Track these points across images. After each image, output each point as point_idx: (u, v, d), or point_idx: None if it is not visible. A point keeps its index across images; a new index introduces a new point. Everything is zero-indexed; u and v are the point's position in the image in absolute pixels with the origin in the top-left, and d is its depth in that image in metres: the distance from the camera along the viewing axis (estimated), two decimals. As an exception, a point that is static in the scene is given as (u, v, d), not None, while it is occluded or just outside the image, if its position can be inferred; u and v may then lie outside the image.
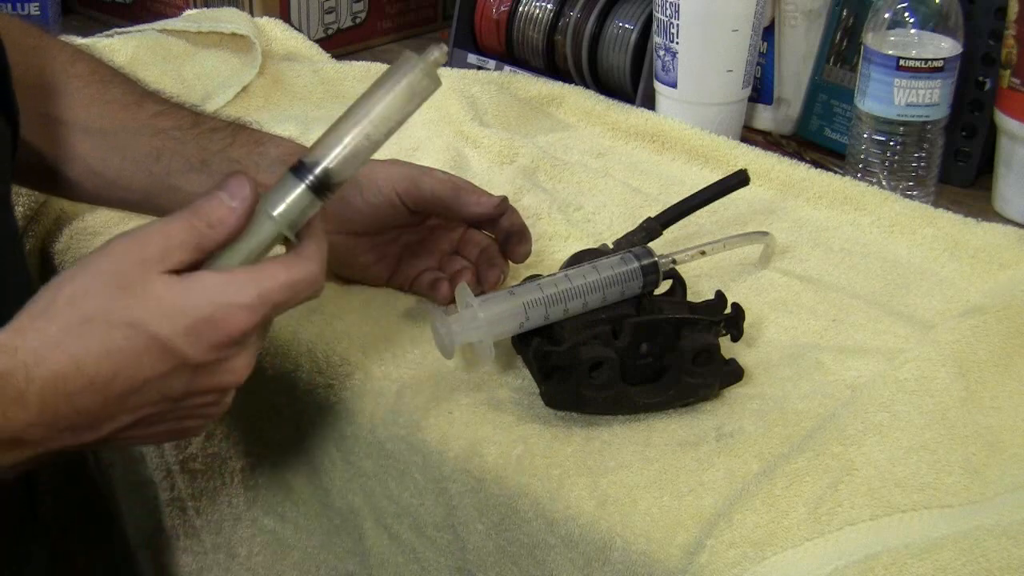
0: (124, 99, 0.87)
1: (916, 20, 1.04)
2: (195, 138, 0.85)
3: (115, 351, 0.61)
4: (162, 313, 0.61)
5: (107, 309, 0.61)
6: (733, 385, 0.78)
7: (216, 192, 0.64)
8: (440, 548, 0.79)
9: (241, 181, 0.64)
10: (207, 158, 0.85)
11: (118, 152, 0.86)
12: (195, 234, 0.63)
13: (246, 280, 0.63)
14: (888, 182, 1.06)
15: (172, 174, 0.85)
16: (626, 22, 1.22)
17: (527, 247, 0.87)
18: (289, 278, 0.64)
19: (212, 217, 0.63)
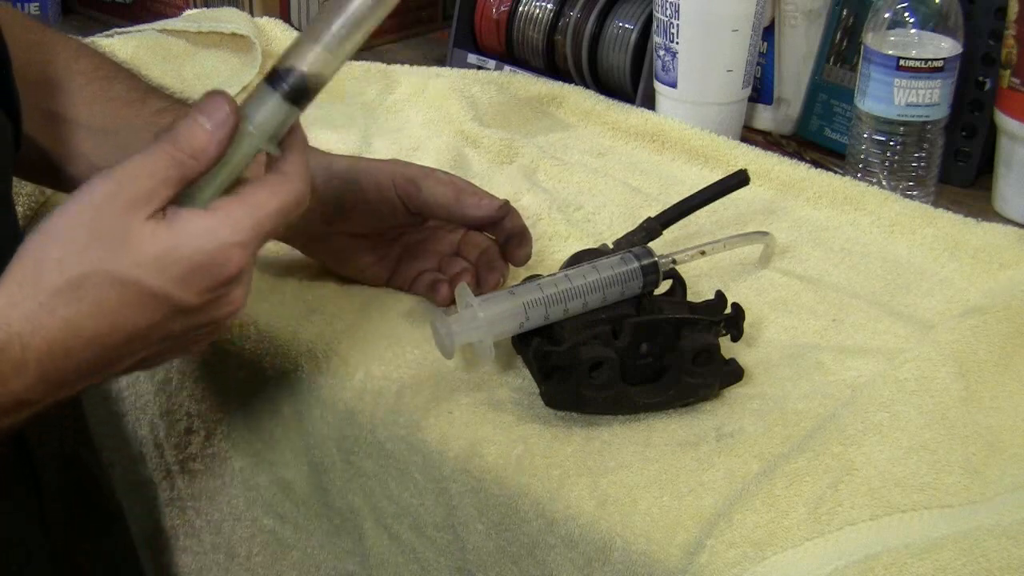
0: (127, 96, 0.86)
1: (916, 20, 1.04)
2: None
3: (109, 309, 0.60)
4: (153, 265, 0.60)
5: (96, 268, 0.59)
6: (733, 385, 0.78)
7: (194, 116, 0.61)
8: (440, 548, 0.79)
9: (219, 102, 0.61)
10: None
11: (121, 150, 0.85)
12: (178, 167, 0.61)
13: (237, 217, 0.61)
14: (888, 182, 1.06)
15: None
16: (626, 22, 1.22)
17: (527, 250, 0.87)
18: (279, 204, 0.62)
19: (194, 146, 0.61)
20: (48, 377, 0.60)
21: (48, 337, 0.59)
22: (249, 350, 0.86)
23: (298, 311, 0.87)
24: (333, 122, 1.14)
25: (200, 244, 0.60)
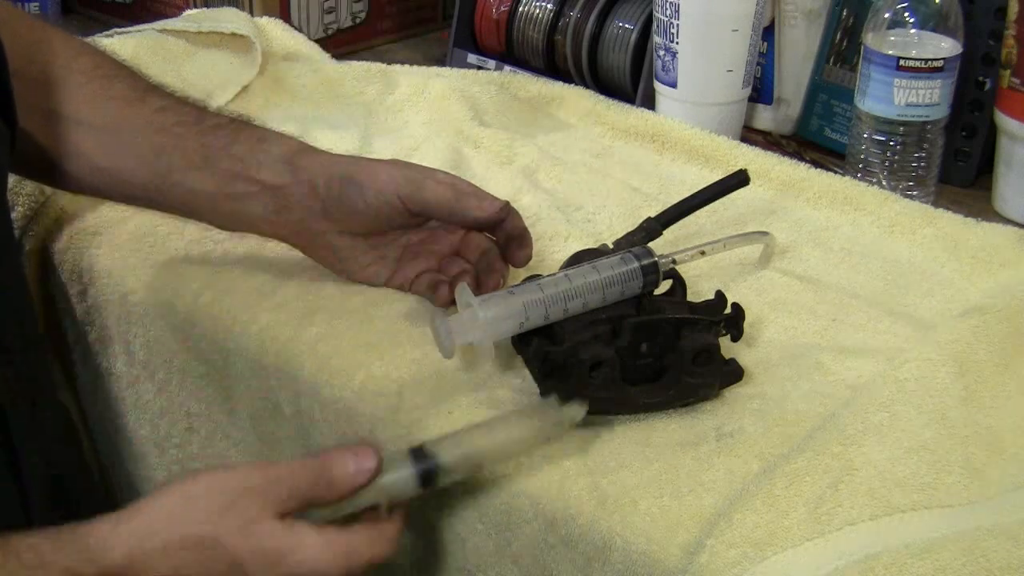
0: (127, 95, 0.87)
1: (916, 20, 1.04)
2: (197, 135, 0.85)
3: (208, 571, 0.65)
4: (263, 559, 0.65)
5: (219, 536, 0.65)
6: (733, 385, 0.78)
7: (348, 455, 0.68)
8: (440, 548, 0.79)
9: (370, 454, 0.68)
10: (209, 155, 0.85)
11: (120, 149, 0.86)
12: (314, 490, 0.67)
13: (339, 553, 0.67)
14: (888, 182, 1.06)
15: (174, 171, 0.85)
16: (626, 22, 1.22)
17: (528, 251, 0.86)
18: (370, 556, 0.68)
19: (335, 480, 0.67)
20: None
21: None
22: (250, 349, 0.86)
23: (299, 311, 0.87)
24: (333, 122, 1.14)
25: (306, 559, 0.66)
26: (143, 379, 0.96)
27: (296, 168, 0.85)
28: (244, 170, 0.85)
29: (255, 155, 0.85)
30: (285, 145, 0.86)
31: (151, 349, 0.94)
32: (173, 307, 0.91)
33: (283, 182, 0.85)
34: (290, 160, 0.85)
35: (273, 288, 0.89)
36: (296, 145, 0.86)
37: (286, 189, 0.84)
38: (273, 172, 0.85)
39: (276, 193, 0.85)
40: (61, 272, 0.99)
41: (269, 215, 0.86)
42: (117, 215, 1.00)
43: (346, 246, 0.87)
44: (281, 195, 0.85)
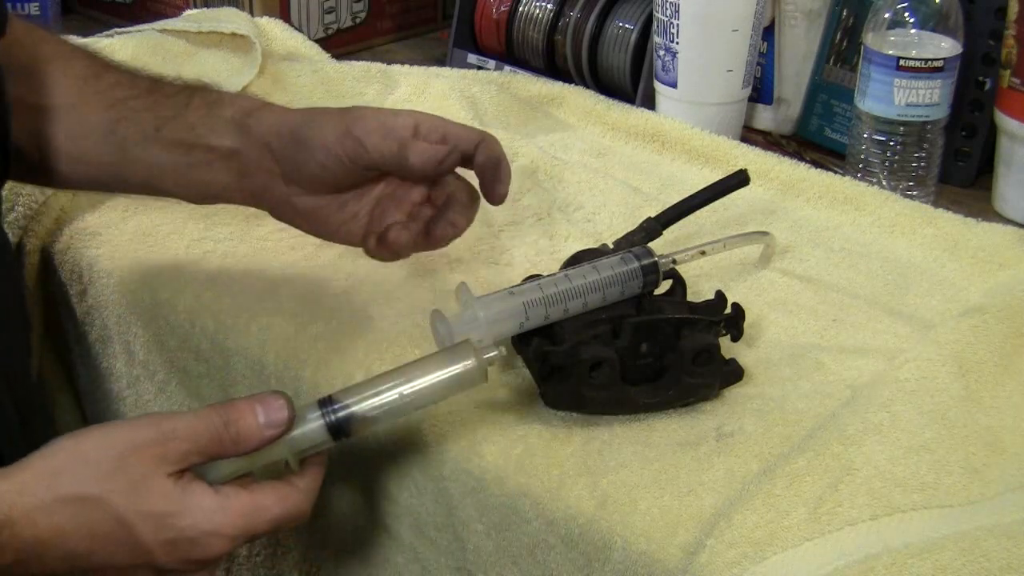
0: (83, 73, 0.84)
1: (916, 20, 1.04)
2: (150, 105, 0.83)
3: (96, 536, 0.64)
4: (153, 521, 0.64)
5: (106, 497, 0.63)
6: (733, 385, 0.78)
7: (255, 405, 0.66)
8: (440, 548, 0.79)
9: (280, 406, 0.66)
10: (161, 125, 0.82)
11: (79, 129, 0.84)
12: (218, 445, 0.65)
13: (238, 513, 0.65)
14: (888, 182, 1.06)
15: (129, 146, 0.83)
16: (626, 22, 1.22)
17: (503, 187, 0.81)
18: (280, 513, 0.66)
19: (241, 433, 0.65)
20: (15, 569, 0.63)
21: (34, 535, 0.63)
22: (250, 349, 0.86)
23: (299, 311, 0.87)
24: (333, 122, 1.14)
25: (197, 521, 0.64)
26: (143, 379, 0.96)
27: (247, 131, 0.81)
28: (197, 138, 0.81)
29: (207, 121, 0.81)
30: (237, 106, 0.82)
31: (151, 349, 0.94)
32: (173, 307, 0.91)
33: (236, 146, 0.81)
34: (241, 123, 0.81)
35: (273, 288, 0.89)
36: (248, 105, 0.82)
37: (241, 153, 0.81)
38: (226, 137, 0.81)
39: (232, 159, 0.81)
40: (61, 272, 0.99)
41: (231, 182, 0.82)
42: (117, 215, 1.00)
43: (315, 207, 0.82)
44: (237, 160, 0.81)
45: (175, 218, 0.99)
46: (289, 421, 0.66)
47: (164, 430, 0.65)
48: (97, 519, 0.63)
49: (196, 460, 0.65)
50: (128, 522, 0.64)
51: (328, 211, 0.82)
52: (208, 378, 0.91)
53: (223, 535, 0.65)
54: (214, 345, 0.89)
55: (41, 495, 0.63)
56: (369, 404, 0.68)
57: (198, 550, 0.65)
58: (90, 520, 0.63)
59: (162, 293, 0.92)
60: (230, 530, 0.65)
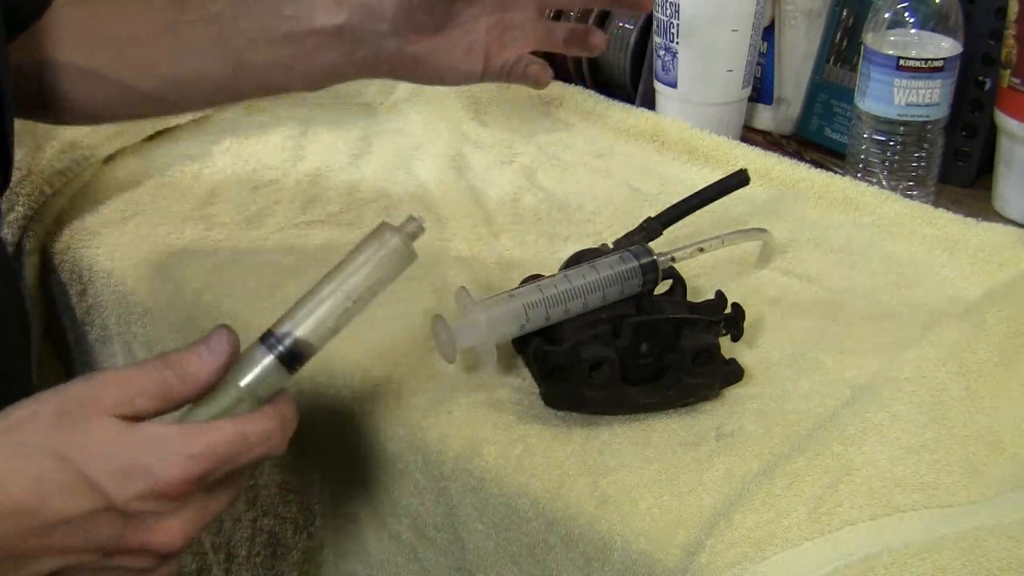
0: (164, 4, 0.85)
1: (916, 20, 1.04)
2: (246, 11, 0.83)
3: (43, 481, 0.59)
4: (95, 452, 0.59)
5: (44, 438, 0.59)
6: (733, 385, 0.78)
7: (195, 346, 0.63)
8: (440, 548, 0.79)
9: (221, 335, 0.63)
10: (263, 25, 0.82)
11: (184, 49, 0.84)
12: (162, 385, 0.61)
13: (190, 432, 0.61)
14: (888, 182, 1.06)
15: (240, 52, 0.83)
16: (626, 22, 1.22)
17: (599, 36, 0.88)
18: (238, 431, 0.62)
19: (186, 369, 0.62)
20: None
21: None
22: (249, 350, 0.86)
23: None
24: (333, 122, 1.14)
25: (146, 444, 0.60)
26: (143, 379, 0.96)
27: (345, 1, 0.81)
28: (301, 25, 0.82)
29: (305, 6, 0.82)
30: None
31: (151, 349, 0.94)
32: (173, 307, 0.91)
33: (342, 21, 0.82)
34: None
35: (273, 288, 0.89)
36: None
37: (349, 24, 0.82)
38: (329, 13, 0.81)
39: (342, 33, 0.82)
40: (61, 272, 0.99)
41: (345, 58, 0.83)
42: (117, 215, 1.00)
43: (430, 52, 0.83)
44: (347, 33, 0.82)
45: (175, 218, 0.99)
46: (231, 346, 0.63)
47: (108, 379, 0.61)
48: (39, 464, 0.59)
49: (146, 404, 0.61)
50: (70, 458, 0.59)
51: (444, 52, 0.83)
52: (208, 378, 0.91)
53: (179, 453, 0.59)
54: (214, 345, 0.89)
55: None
56: (311, 321, 0.65)
57: (154, 476, 0.59)
58: (32, 465, 0.59)
59: (162, 293, 0.92)
60: (186, 448, 0.60)
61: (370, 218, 0.98)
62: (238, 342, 0.64)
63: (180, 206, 1.01)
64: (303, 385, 0.83)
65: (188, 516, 0.61)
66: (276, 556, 0.92)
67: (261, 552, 0.93)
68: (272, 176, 1.06)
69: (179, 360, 0.62)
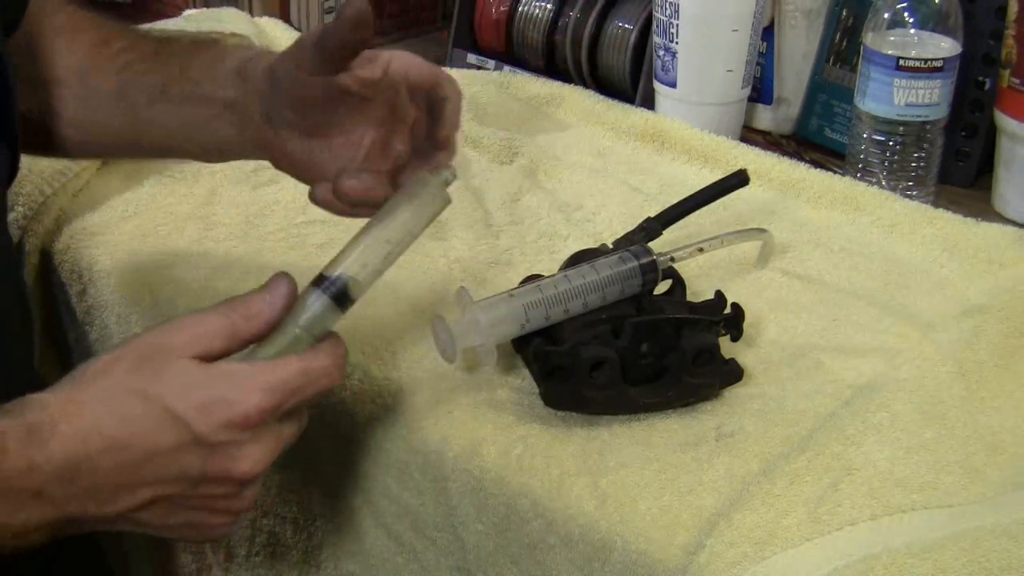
0: (92, 40, 0.85)
1: (916, 20, 1.04)
2: (156, 67, 0.82)
3: (131, 419, 0.64)
4: (177, 389, 0.64)
5: (128, 381, 0.65)
6: (733, 385, 0.78)
7: (257, 291, 0.68)
8: (440, 548, 0.79)
9: (280, 280, 0.68)
10: (167, 84, 0.81)
11: (92, 98, 0.84)
12: (229, 325, 0.67)
13: (262, 367, 0.66)
14: (888, 182, 1.06)
15: (139, 108, 0.82)
16: (625, 22, 1.22)
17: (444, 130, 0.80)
18: (303, 366, 0.67)
19: (251, 311, 0.67)
20: (65, 476, 0.63)
21: (75, 427, 0.63)
22: (249, 350, 0.86)
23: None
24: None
25: (224, 379, 0.65)
26: (143, 379, 0.96)
27: (244, 78, 0.79)
28: (201, 91, 0.80)
29: (210, 74, 0.80)
30: (237, 57, 0.80)
31: (151, 349, 0.94)
32: (173, 307, 0.91)
33: (236, 94, 0.79)
34: (241, 70, 0.79)
35: (273, 288, 0.89)
36: (252, 54, 0.80)
37: (240, 101, 0.79)
38: (227, 87, 0.79)
39: (233, 108, 0.79)
40: (61, 272, 0.99)
41: (235, 133, 0.80)
42: (117, 215, 1.00)
43: (313, 150, 0.78)
44: (238, 108, 0.79)
45: (175, 218, 0.99)
46: (289, 289, 0.68)
47: (170, 326, 0.67)
48: (126, 403, 0.64)
49: (216, 345, 0.66)
50: (154, 395, 0.64)
51: (327, 155, 0.78)
52: (208, 378, 0.91)
53: (252, 386, 0.65)
54: (214, 345, 0.89)
55: (73, 392, 0.65)
56: (357, 263, 0.71)
57: (234, 407, 0.65)
58: (119, 406, 0.64)
59: (162, 293, 0.92)
60: (258, 382, 0.65)
61: (370, 218, 0.98)
62: (295, 285, 0.69)
63: (180, 206, 1.01)
64: (303, 385, 0.83)
65: (264, 444, 0.67)
66: (276, 556, 0.92)
67: (261, 552, 0.93)
68: (272, 176, 1.06)
69: (244, 303, 0.67)
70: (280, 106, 0.77)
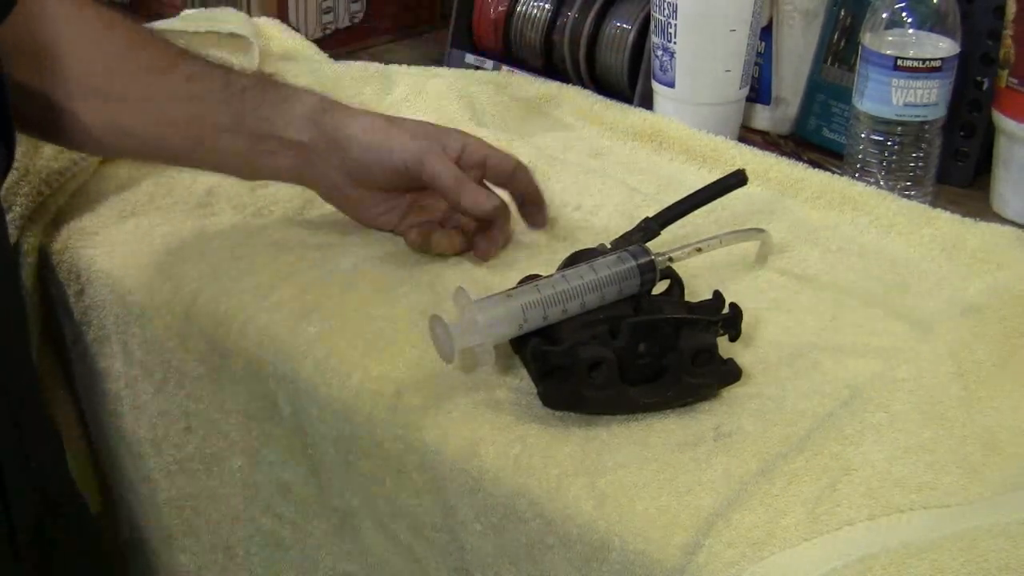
0: (157, 64, 0.91)
1: (914, 20, 1.04)
2: (226, 100, 0.90)
3: None
4: None
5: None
6: (731, 385, 0.78)
7: None
8: (438, 548, 0.79)
9: None
10: (239, 120, 0.90)
11: (155, 118, 0.91)
12: None
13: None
14: (886, 182, 1.06)
15: (206, 137, 0.91)
16: (624, 22, 1.22)
17: (542, 215, 0.95)
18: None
19: None
20: None
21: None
22: (248, 349, 0.86)
23: (296, 311, 0.87)
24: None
25: None
26: (141, 379, 0.96)
27: (320, 125, 0.90)
28: (272, 130, 0.90)
29: (281, 115, 0.90)
30: (308, 103, 0.91)
31: (149, 349, 0.94)
32: (171, 307, 0.91)
33: (308, 139, 0.90)
34: (314, 118, 0.90)
35: (271, 288, 0.89)
36: (318, 102, 0.91)
37: (311, 145, 0.90)
38: (299, 130, 0.90)
39: (301, 149, 0.90)
40: (59, 272, 0.99)
41: (294, 168, 0.92)
42: (115, 215, 1.00)
43: (361, 196, 0.93)
44: (306, 151, 0.90)
45: (173, 218, 0.99)
46: None
47: None
48: None
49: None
50: None
51: (372, 201, 0.94)
52: (206, 378, 0.91)
53: None
54: (211, 346, 0.89)
55: None
56: None
57: None
58: None
59: (160, 293, 0.92)
60: None
61: (368, 218, 0.98)
62: None
63: (178, 206, 1.01)
64: (301, 385, 0.83)
65: None
66: (274, 556, 0.92)
67: (259, 552, 0.93)
68: (270, 176, 1.06)
69: None
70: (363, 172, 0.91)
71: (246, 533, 0.93)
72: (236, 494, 0.93)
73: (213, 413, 0.92)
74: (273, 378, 0.85)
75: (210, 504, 0.95)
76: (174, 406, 0.94)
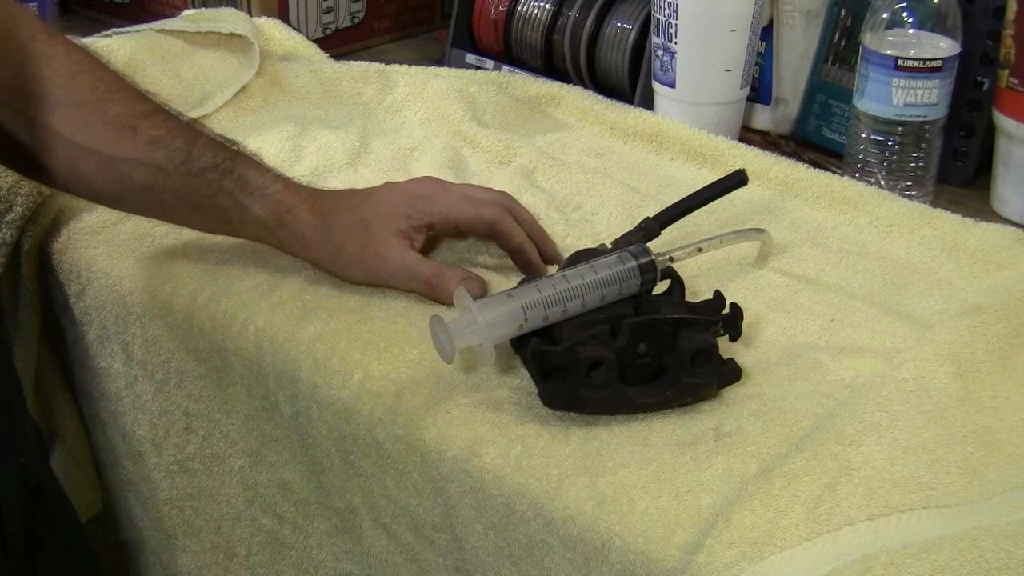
0: (121, 121, 0.87)
1: (914, 20, 1.04)
2: (185, 177, 0.87)
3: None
4: None
5: None
6: (731, 385, 0.78)
7: None
8: (438, 548, 0.79)
9: None
10: (198, 202, 0.88)
11: (114, 177, 0.88)
12: None
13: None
14: (886, 182, 1.06)
15: (166, 208, 0.90)
16: (624, 22, 1.22)
17: (551, 246, 0.93)
18: None
19: None
20: None
21: None
22: (248, 349, 0.86)
23: (296, 311, 0.87)
24: (331, 122, 1.14)
25: None
26: (141, 379, 0.96)
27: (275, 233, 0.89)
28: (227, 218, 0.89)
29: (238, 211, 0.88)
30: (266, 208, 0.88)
31: (149, 349, 0.94)
32: (171, 307, 0.91)
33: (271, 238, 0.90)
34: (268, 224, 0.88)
35: (271, 288, 0.89)
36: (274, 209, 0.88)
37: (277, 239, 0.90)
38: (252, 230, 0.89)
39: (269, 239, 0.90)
40: (59, 272, 0.99)
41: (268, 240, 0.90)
42: (115, 215, 1.00)
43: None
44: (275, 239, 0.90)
45: (173, 218, 0.99)
46: None
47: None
48: None
49: None
50: None
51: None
52: (206, 379, 0.91)
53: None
54: (212, 346, 0.89)
55: None
56: None
57: None
58: None
59: (160, 293, 0.92)
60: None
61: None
62: None
63: (178, 206, 1.01)
64: (301, 385, 0.83)
65: None
66: (275, 556, 0.92)
67: (260, 552, 0.93)
68: (270, 176, 1.06)
69: None
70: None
71: (246, 533, 0.93)
72: (237, 494, 0.93)
73: (213, 413, 0.92)
74: (273, 378, 0.85)
75: (210, 504, 0.95)
76: (174, 406, 0.94)
